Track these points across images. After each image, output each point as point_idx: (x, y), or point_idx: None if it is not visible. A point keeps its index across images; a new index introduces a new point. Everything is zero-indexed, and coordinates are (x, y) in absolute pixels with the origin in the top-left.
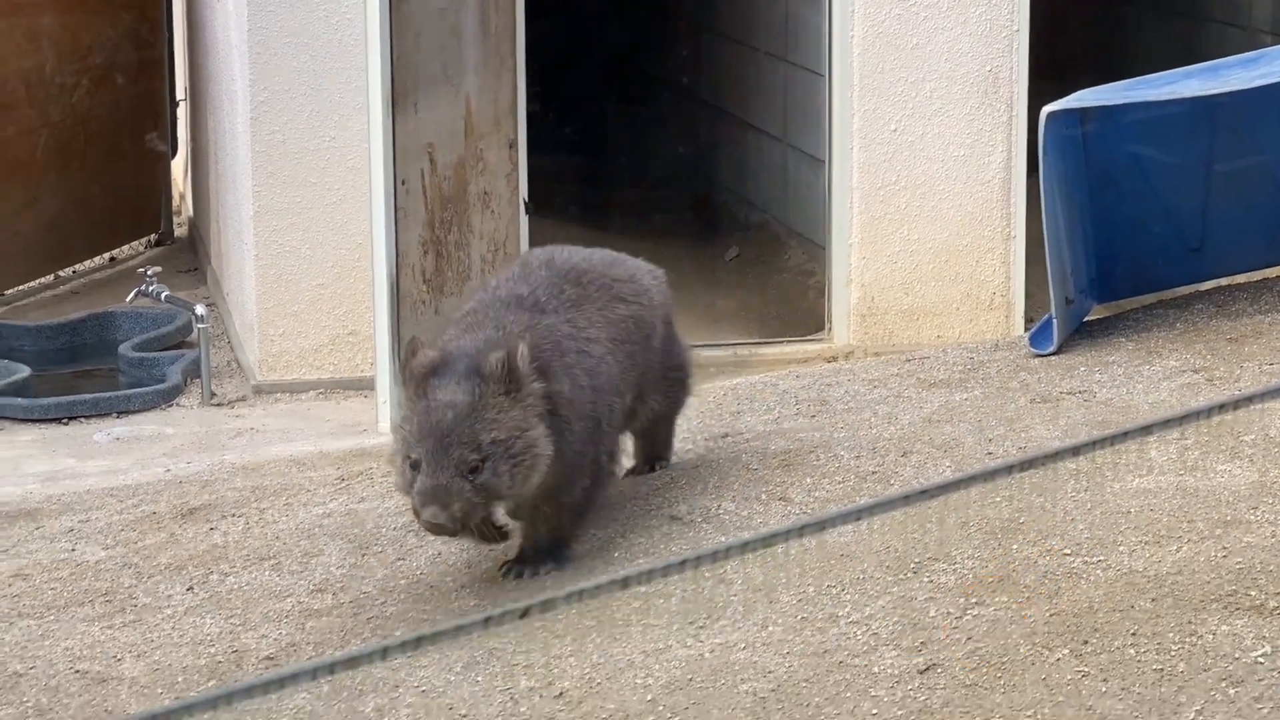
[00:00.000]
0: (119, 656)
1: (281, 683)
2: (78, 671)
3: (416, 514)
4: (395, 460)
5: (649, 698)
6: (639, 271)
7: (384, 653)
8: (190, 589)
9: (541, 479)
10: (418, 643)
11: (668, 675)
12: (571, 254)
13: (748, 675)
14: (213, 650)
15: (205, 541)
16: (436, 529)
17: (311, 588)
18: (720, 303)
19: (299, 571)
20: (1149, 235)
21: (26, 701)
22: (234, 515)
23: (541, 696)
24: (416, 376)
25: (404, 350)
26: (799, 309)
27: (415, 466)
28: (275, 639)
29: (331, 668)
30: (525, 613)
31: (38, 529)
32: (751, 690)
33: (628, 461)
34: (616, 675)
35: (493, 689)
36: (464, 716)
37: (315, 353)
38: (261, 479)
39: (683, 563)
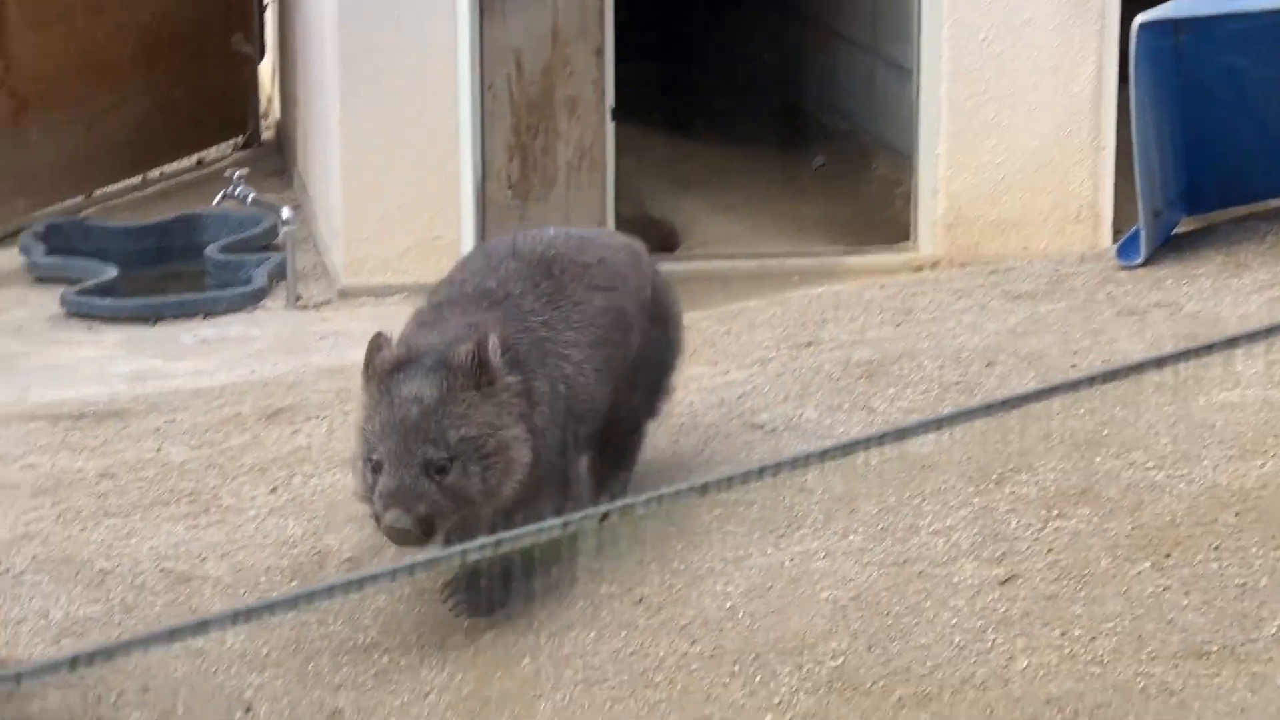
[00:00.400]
0: (203, 556)
1: (362, 584)
2: (163, 570)
3: (377, 519)
4: (355, 464)
5: (728, 605)
6: (610, 251)
7: (464, 555)
8: (274, 490)
9: (518, 487)
10: (497, 545)
11: (747, 583)
12: (536, 240)
13: (827, 583)
14: (295, 551)
15: (289, 444)
16: (400, 535)
17: None
18: (806, 211)
19: None
20: (1240, 147)
21: (113, 598)
22: (318, 418)
23: (621, 602)
24: (379, 374)
25: (368, 346)
26: (885, 219)
27: (377, 469)
28: (357, 541)
29: (411, 570)
30: (605, 517)
31: (124, 429)
32: (831, 598)
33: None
34: (696, 582)
35: (573, 594)
36: (544, 620)
37: (400, 257)
38: (346, 382)
39: (762, 470)
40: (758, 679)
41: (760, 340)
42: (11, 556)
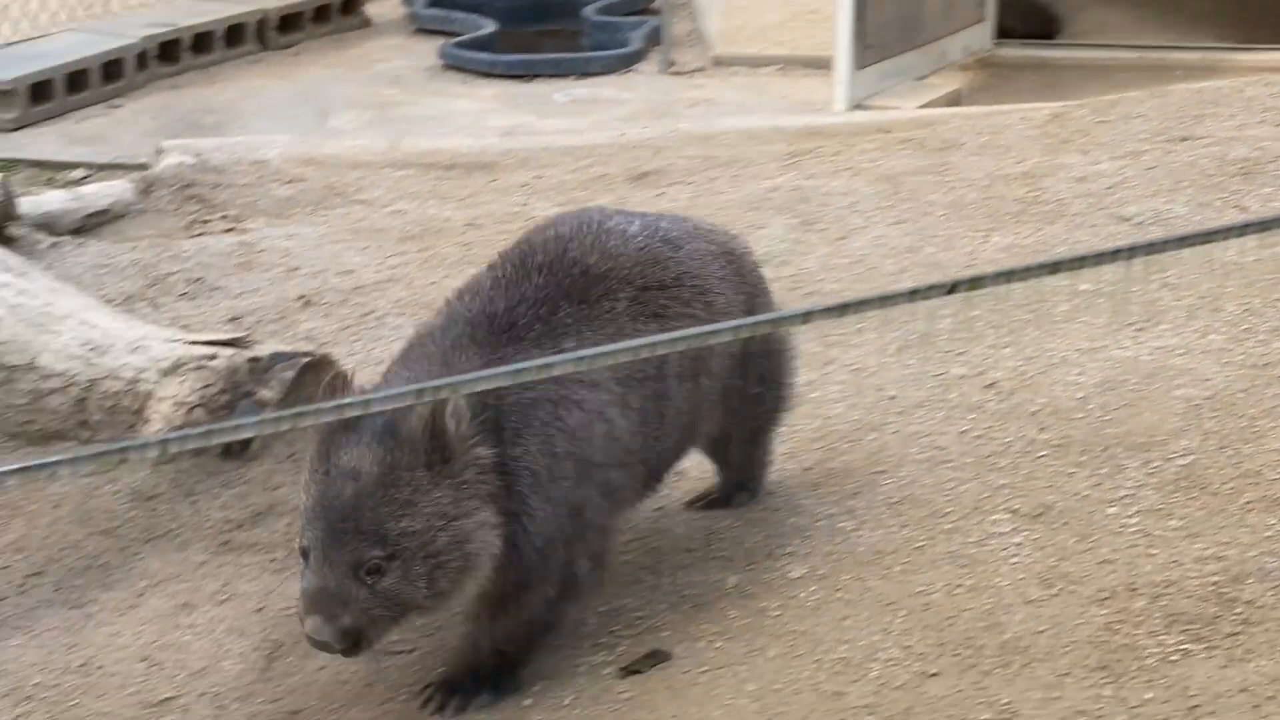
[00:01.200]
0: None
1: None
2: None
3: (300, 620)
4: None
5: (1080, 395)
6: (696, 266)
7: (806, 316)
8: None
9: (481, 583)
10: (843, 310)
11: (1101, 374)
12: (596, 240)
13: (1183, 381)
14: None
15: (653, 206)
16: (322, 647)
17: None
18: (1193, 4)
19: None
20: None
21: None
22: (683, 182)
23: (972, 385)
24: (321, 431)
25: (321, 388)
26: (1278, 15)
27: (304, 556)
28: None
29: (753, 328)
30: (953, 288)
31: (493, 181)
32: (1185, 396)
33: (693, 483)
34: (1049, 370)
35: (924, 374)
36: (892, 398)
37: (777, 28)
38: (713, 149)
39: (1116, 252)
40: (1104, 471)
41: (1135, 132)
42: (376, 299)
